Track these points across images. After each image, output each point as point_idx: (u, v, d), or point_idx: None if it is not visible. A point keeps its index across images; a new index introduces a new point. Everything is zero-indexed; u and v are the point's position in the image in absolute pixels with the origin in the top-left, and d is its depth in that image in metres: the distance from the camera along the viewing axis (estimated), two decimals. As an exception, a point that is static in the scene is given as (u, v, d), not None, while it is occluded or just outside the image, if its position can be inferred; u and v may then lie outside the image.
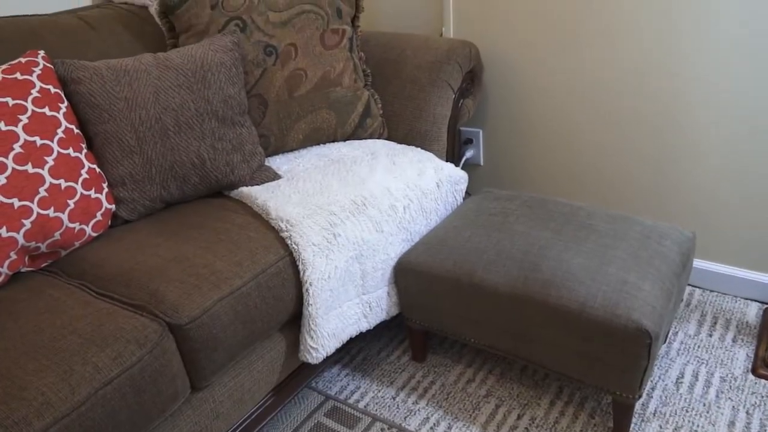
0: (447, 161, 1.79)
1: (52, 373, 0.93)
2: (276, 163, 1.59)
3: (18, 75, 1.25)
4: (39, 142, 1.21)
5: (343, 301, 1.38)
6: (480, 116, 2.03)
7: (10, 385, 0.91)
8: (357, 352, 1.69)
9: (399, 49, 1.79)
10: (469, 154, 2.10)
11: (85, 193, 1.27)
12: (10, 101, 1.20)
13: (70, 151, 1.26)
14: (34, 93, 1.25)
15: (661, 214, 1.80)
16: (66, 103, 1.31)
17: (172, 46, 1.62)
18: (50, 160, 1.21)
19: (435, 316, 1.48)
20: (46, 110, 1.25)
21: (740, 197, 1.66)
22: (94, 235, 1.30)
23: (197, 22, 1.55)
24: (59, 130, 1.26)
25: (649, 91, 1.69)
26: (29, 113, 1.22)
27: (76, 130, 1.31)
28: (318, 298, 1.29)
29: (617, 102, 1.75)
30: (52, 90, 1.29)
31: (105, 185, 1.33)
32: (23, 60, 1.30)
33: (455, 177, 1.65)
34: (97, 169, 1.32)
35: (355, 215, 1.38)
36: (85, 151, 1.31)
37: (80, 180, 1.26)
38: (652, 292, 1.24)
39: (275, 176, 1.50)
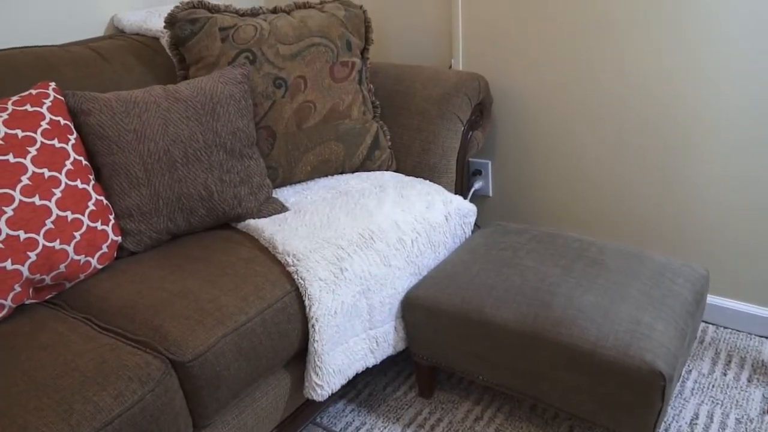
0: (456, 193, 1.78)
1: (52, 412, 0.91)
2: (284, 194, 1.59)
3: (28, 107, 1.26)
4: (47, 174, 1.21)
5: (350, 336, 1.36)
6: (489, 147, 2.03)
7: (10, 425, 0.89)
8: (363, 387, 1.66)
9: (408, 81, 1.79)
10: (478, 185, 2.08)
11: (92, 225, 1.26)
12: (20, 133, 1.20)
13: (78, 182, 1.26)
14: (44, 125, 1.25)
15: (674, 248, 1.78)
16: (75, 135, 1.31)
17: (182, 77, 1.62)
18: (57, 192, 1.21)
19: (442, 351, 1.46)
20: (55, 142, 1.25)
21: (755, 232, 1.63)
22: (100, 267, 1.29)
23: (208, 54, 1.55)
24: (68, 162, 1.26)
25: (662, 123, 1.68)
26: (38, 145, 1.22)
27: (84, 162, 1.30)
28: (324, 334, 1.27)
29: (628, 135, 1.74)
30: (62, 122, 1.29)
31: (112, 217, 1.32)
32: (34, 92, 1.30)
33: (464, 210, 1.64)
34: (104, 201, 1.32)
35: (362, 249, 1.37)
36: (92, 182, 1.30)
37: (87, 212, 1.26)
38: (666, 333, 1.22)
39: (282, 208, 1.49)
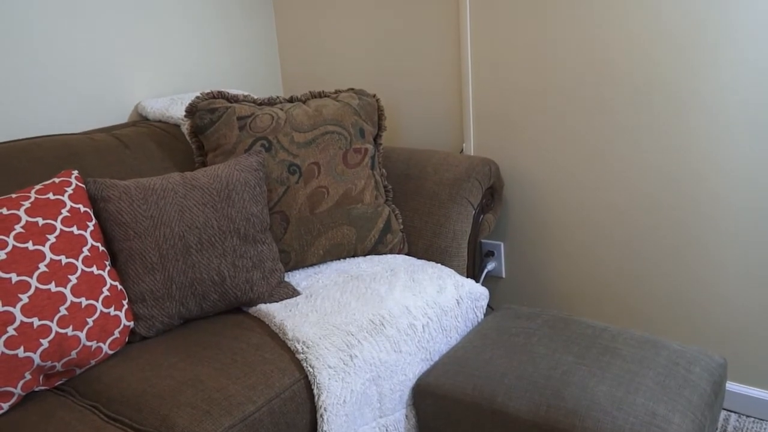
0: (468, 275, 1.78)
1: (53, 507, 0.90)
2: (296, 278, 1.60)
3: (50, 195, 1.30)
4: (64, 260, 1.24)
5: (359, 425, 1.34)
6: (501, 229, 2.04)
7: None
8: (373, 477, 1.61)
9: (420, 166, 1.83)
10: (490, 266, 2.09)
11: (105, 310, 1.28)
12: (41, 221, 1.24)
13: (94, 269, 1.29)
14: (64, 212, 1.29)
15: (689, 334, 1.74)
16: (94, 221, 1.35)
17: (200, 163, 1.68)
18: (73, 279, 1.24)
19: (455, 441, 1.42)
20: (74, 229, 1.29)
21: (772, 319, 1.61)
22: (111, 353, 1.30)
23: (225, 142, 1.61)
24: (85, 248, 1.29)
25: (677, 206, 1.69)
26: (57, 232, 1.25)
27: (101, 248, 1.34)
28: (333, 424, 1.25)
29: (641, 217, 1.75)
30: (82, 209, 1.33)
31: (125, 302, 1.34)
32: (57, 180, 1.35)
33: (476, 293, 1.63)
34: (119, 286, 1.34)
35: (372, 335, 1.36)
36: (108, 268, 1.33)
37: (101, 298, 1.28)
38: (683, 426, 1.18)
39: (294, 293, 1.50)
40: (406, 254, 1.77)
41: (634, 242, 1.78)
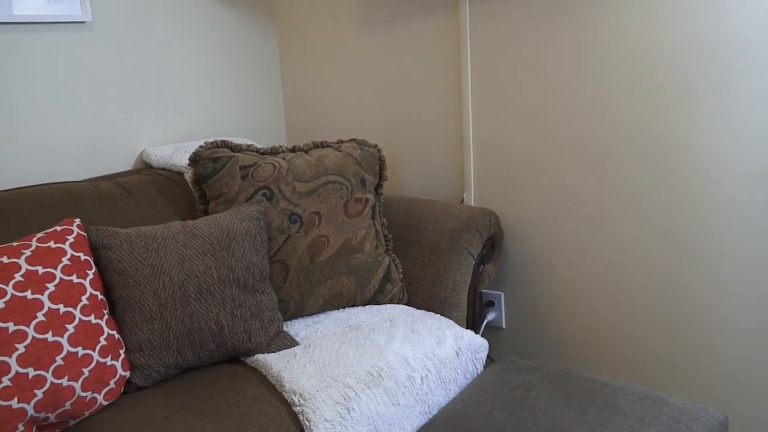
0: (468, 325, 1.77)
1: None
2: (294, 328, 1.59)
3: (52, 243, 1.31)
4: (62, 309, 1.24)
5: (356, 481, 1.31)
6: (501, 279, 2.04)
7: None
8: None
9: (420, 216, 1.84)
10: (490, 316, 2.07)
11: (101, 360, 1.27)
12: (41, 270, 1.25)
13: (92, 318, 1.28)
14: (65, 261, 1.30)
15: (690, 388, 1.72)
16: (94, 269, 1.35)
17: (202, 212, 1.69)
18: (71, 328, 1.23)
19: (453, 499, 1.39)
20: (74, 278, 1.29)
21: (775, 374, 1.59)
22: (105, 403, 1.29)
23: (228, 191, 1.63)
24: (84, 297, 1.29)
25: (678, 260, 1.69)
26: (57, 281, 1.26)
27: (100, 296, 1.34)
28: (328, 480, 1.23)
29: (642, 270, 1.75)
30: (83, 257, 1.34)
31: (122, 351, 1.33)
32: (59, 228, 1.36)
33: (475, 345, 1.62)
34: (116, 335, 1.33)
35: (370, 388, 1.35)
36: (106, 317, 1.33)
37: (98, 347, 1.27)
38: (686, 487, 1.15)
39: (292, 343, 1.49)
40: (405, 304, 1.76)
41: (634, 295, 1.77)
